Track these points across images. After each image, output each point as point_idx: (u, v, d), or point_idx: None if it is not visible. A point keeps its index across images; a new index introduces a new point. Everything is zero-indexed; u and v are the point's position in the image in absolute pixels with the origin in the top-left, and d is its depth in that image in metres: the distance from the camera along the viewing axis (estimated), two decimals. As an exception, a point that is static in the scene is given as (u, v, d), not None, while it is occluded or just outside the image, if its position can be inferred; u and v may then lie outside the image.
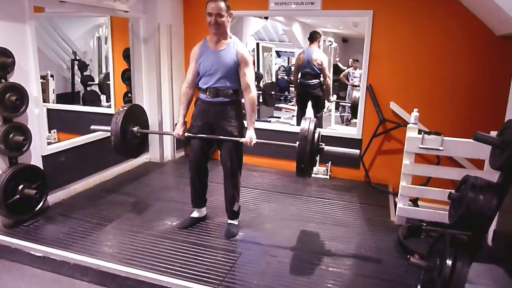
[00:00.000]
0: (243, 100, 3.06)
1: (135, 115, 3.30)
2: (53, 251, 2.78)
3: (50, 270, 2.72)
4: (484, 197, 2.01)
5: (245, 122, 3.09)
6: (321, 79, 5.86)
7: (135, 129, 3.23)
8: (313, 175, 4.64)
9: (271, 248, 3.00)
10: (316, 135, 2.74)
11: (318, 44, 5.94)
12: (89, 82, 6.63)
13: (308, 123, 2.71)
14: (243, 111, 3.08)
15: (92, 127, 3.36)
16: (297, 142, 2.69)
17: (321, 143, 2.83)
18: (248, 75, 2.93)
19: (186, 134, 3.08)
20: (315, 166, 2.91)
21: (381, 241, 3.18)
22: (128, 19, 4.68)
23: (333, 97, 7.03)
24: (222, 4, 2.86)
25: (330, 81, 6.16)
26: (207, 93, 2.97)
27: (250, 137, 2.95)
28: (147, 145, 3.42)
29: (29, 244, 2.86)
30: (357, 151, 2.87)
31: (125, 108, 3.19)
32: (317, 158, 2.93)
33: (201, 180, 3.22)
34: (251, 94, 2.95)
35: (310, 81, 5.87)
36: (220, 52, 2.94)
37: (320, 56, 5.80)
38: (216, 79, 2.94)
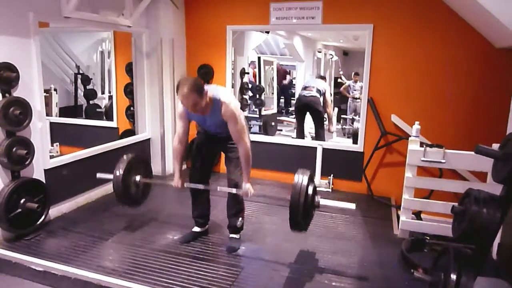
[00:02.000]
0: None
1: (138, 164, 3.33)
2: (54, 265, 2.77)
3: (51, 285, 2.70)
4: (488, 211, 2.01)
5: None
6: (321, 98, 6.03)
7: (137, 178, 3.24)
8: (315, 188, 4.63)
9: (273, 262, 2.97)
10: (310, 189, 2.70)
11: (324, 80, 6.27)
12: (91, 97, 6.67)
13: (301, 177, 2.68)
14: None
15: (98, 175, 3.32)
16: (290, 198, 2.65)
17: (317, 196, 2.80)
18: (239, 130, 2.85)
19: (185, 184, 3.09)
20: (310, 221, 2.91)
21: (384, 255, 3.15)
22: (131, 34, 4.73)
23: (334, 127, 7.05)
24: (193, 94, 2.64)
25: (331, 109, 6.30)
26: (207, 132, 3.07)
27: (246, 189, 2.94)
28: (149, 194, 3.48)
29: (30, 259, 2.85)
30: (353, 205, 2.85)
31: (128, 157, 3.22)
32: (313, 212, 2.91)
33: (203, 203, 3.25)
34: (244, 148, 2.87)
35: (310, 92, 5.97)
36: (207, 116, 2.89)
37: (326, 85, 6.07)
38: (214, 130, 3.02)
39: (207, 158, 3.19)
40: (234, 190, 3.00)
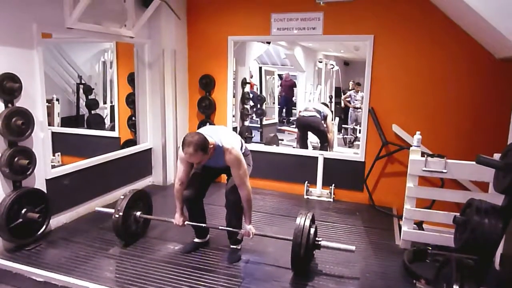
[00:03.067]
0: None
1: (138, 199, 3.39)
2: (54, 276, 2.76)
3: (51, 296, 2.69)
4: (489, 221, 2.00)
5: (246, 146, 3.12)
6: (323, 120, 6.06)
7: (137, 214, 3.32)
8: (316, 198, 4.63)
9: (275, 273, 2.96)
10: (312, 231, 2.83)
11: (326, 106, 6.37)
12: (93, 107, 6.71)
13: (303, 220, 2.80)
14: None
15: (97, 209, 3.49)
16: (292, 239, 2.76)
17: (318, 238, 2.92)
18: (241, 175, 2.90)
19: (186, 222, 3.15)
20: (311, 261, 3.03)
21: (386, 265, 3.13)
22: (133, 45, 4.77)
23: (335, 146, 7.08)
24: (199, 153, 2.71)
25: (332, 135, 6.33)
26: None
27: (248, 230, 3.01)
28: (147, 229, 3.55)
29: (31, 269, 2.84)
30: (353, 247, 2.92)
31: (130, 193, 3.30)
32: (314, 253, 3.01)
33: (198, 215, 3.23)
34: (246, 192, 2.92)
35: (310, 113, 6.01)
36: (211, 159, 2.91)
37: (328, 111, 6.16)
38: (214, 166, 3.07)
39: (207, 175, 3.20)
40: (236, 230, 3.08)
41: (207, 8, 4.99)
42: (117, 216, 3.15)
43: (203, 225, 3.18)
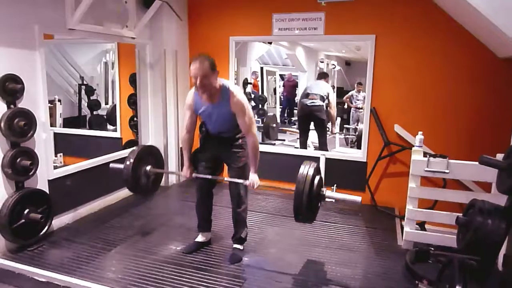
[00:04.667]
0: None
1: (149, 155, 3.38)
2: (57, 276, 2.76)
3: (53, 296, 2.69)
4: (492, 222, 2.00)
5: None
6: (325, 102, 5.92)
7: (148, 168, 3.29)
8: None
9: (277, 274, 2.95)
10: (316, 180, 2.69)
11: (326, 80, 6.12)
12: (95, 108, 6.71)
13: (307, 168, 2.67)
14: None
15: (111, 165, 3.39)
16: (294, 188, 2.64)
17: (323, 189, 2.78)
18: (247, 122, 2.88)
19: (193, 174, 3.12)
20: (317, 213, 2.91)
21: (388, 266, 3.13)
22: (135, 45, 4.78)
23: (337, 128, 7.04)
24: (206, 65, 2.69)
25: (334, 112, 6.21)
26: (212, 131, 3.05)
27: (253, 180, 2.96)
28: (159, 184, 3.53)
29: (33, 269, 2.84)
30: (359, 198, 2.83)
31: (139, 147, 3.29)
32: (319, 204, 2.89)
33: (207, 203, 3.23)
34: (252, 139, 2.91)
35: (313, 101, 5.89)
36: (215, 105, 2.89)
37: (328, 88, 5.93)
38: (219, 126, 3.01)
39: (212, 168, 3.18)
40: (241, 181, 3.00)
41: (209, 9, 4.99)
42: (128, 163, 3.13)
43: (209, 176, 3.07)
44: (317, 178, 2.70)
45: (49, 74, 4.31)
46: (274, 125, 7.91)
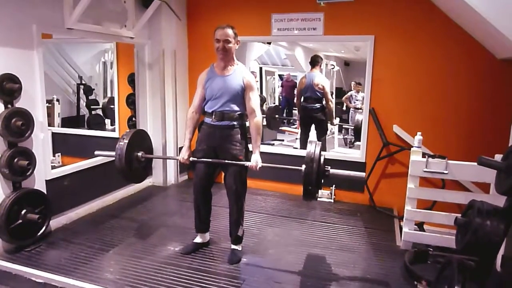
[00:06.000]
0: (247, 124, 3.08)
1: (139, 140, 3.33)
2: (54, 277, 2.75)
3: (51, 297, 2.68)
4: (491, 223, 1.99)
5: (250, 146, 3.09)
6: (324, 102, 5.89)
7: (139, 154, 3.26)
8: (317, 198, 4.61)
9: (275, 274, 2.94)
10: (322, 158, 2.75)
11: (320, 69, 6.03)
12: (92, 106, 6.69)
13: (314, 147, 2.73)
14: (248, 135, 3.09)
15: (96, 152, 3.39)
16: (303, 165, 2.68)
17: (327, 166, 2.82)
18: (254, 100, 2.99)
19: (191, 158, 3.09)
20: (320, 189, 2.91)
21: (387, 266, 3.12)
22: (133, 45, 4.77)
23: (336, 120, 7.06)
24: (230, 31, 2.95)
25: (332, 105, 6.19)
26: (213, 116, 2.99)
27: (255, 161, 2.93)
28: (151, 170, 3.46)
29: (31, 270, 2.83)
30: (362, 174, 2.88)
31: (129, 133, 3.22)
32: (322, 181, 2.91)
33: (205, 203, 3.20)
34: (257, 118, 2.98)
35: (312, 105, 5.90)
36: (227, 77, 2.99)
37: (322, 80, 5.86)
38: (222, 103, 2.98)
39: (209, 167, 3.16)
40: (242, 163, 2.98)
41: (207, 8, 4.98)
42: (121, 143, 3.10)
43: (209, 160, 3.02)
44: (322, 155, 2.78)
45: (47, 73, 4.29)
46: (277, 115, 7.90)
